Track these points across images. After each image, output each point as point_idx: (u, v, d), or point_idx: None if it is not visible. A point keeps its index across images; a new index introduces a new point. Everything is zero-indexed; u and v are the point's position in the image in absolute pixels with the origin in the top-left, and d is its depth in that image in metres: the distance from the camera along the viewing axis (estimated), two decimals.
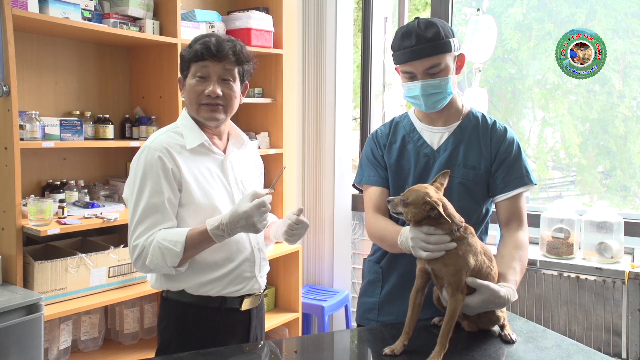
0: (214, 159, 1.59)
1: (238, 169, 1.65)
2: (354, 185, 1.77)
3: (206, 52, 1.51)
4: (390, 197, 1.37)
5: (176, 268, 1.46)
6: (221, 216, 1.44)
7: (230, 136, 1.67)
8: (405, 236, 1.40)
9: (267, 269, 1.68)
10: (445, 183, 1.41)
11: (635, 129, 2.90)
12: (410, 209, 1.31)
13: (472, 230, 1.36)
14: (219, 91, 1.53)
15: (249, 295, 1.60)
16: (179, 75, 1.59)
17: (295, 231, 1.55)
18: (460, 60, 1.60)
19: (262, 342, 1.49)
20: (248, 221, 1.40)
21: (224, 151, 1.63)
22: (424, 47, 1.50)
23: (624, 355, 2.23)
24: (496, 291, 1.32)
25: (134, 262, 1.48)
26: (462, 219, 1.35)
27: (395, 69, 1.64)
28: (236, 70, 1.56)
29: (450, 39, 1.54)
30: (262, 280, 1.65)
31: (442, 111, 1.62)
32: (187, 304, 1.54)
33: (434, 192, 1.34)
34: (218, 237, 1.43)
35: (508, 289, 1.36)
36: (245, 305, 1.59)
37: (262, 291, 1.66)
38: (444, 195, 1.38)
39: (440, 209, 1.28)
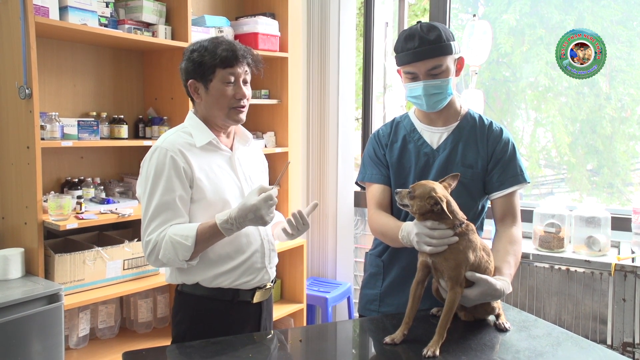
0: (222, 156, 1.61)
1: (245, 164, 1.66)
2: (356, 183, 1.79)
3: (234, 57, 1.52)
4: (398, 189, 1.40)
5: (188, 262, 1.48)
6: (230, 210, 1.46)
7: (235, 134, 1.69)
8: (407, 231, 1.44)
9: (276, 260, 1.71)
10: (454, 185, 1.44)
11: (620, 129, 2.93)
12: (415, 202, 1.35)
13: (474, 227, 1.39)
14: (248, 94, 1.58)
15: (259, 288, 1.63)
16: (190, 79, 1.56)
17: (300, 227, 1.56)
18: (459, 63, 1.63)
19: (271, 332, 1.51)
20: (256, 214, 1.42)
21: (231, 148, 1.65)
22: (426, 49, 1.52)
23: (609, 342, 2.28)
24: (493, 284, 1.35)
25: (147, 256, 1.50)
26: (465, 216, 1.38)
27: (397, 71, 1.67)
28: (250, 72, 1.60)
29: (451, 42, 1.56)
30: (272, 271, 1.68)
31: (442, 112, 1.64)
32: (201, 297, 1.57)
33: (441, 189, 1.36)
34: (227, 230, 1.45)
35: (504, 282, 1.39)
36: (257, 298, 1.62)
37: (272, 282, 1.69)
38: None
39: (444, 205, 1.31)
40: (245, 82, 1.59)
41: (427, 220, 1.36)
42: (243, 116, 1.60)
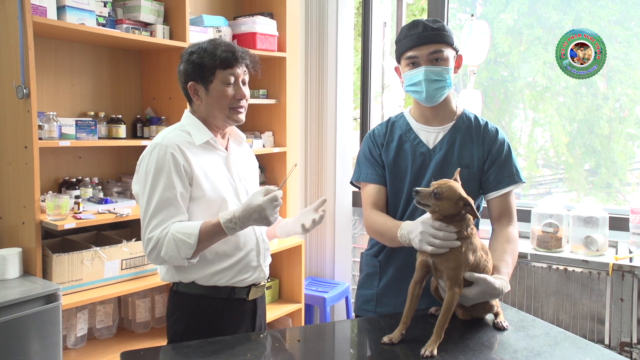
0: (219, 156, 1.63)
1: (239, 165, 1.69)
2: (351, 183, 1.78)
3: (233, 58, 1.55)
4: (418, 188, 1.35)
5: (189, 260, 1.49)
6: (234, 210, 1.47)
7: (230, 135, 1.71)
8: (407, 230, 1.44)
9: (269, 259, 1.73)
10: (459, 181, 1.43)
11: (618, 129, 2.94)
12: (443, 203, 1.32)
13: (475, 230, 1.40)
14: (247, 94, 1.61)
15: (254, 285, 1.65)
16: (189, 82, 1.58)
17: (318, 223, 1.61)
18: (458, 60, 1.65)
19: (267, 331, 1.52)
20: (261, 214, 1.44)
21: (226, 148, 1.67)
22: (430, 34, 1.57)
23: (606, 342, 2.29)
24: (492, 283, 1.36)
25: (148, 254, 1.50)
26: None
27: (395, 68, 1.68)
28: (248, 73, 1.63)
29: (453, 36, 1.60)
30: (266, 269, 1.70)
31: (438, 111, 1.66)
32: (197, 296, 1.58)
33: (461, 188, 1.36)
34: (230, 229, 1.46)
35: (502, 281, 1.40)
36: (252, 295, 1.64)
37: (266, 280, 1.71)
38: None
39: (474, 207, 1.31)
40: (244, 82, 1.61)
41: (435, 222, 1.35)
42: (243, 116, 1.62)
